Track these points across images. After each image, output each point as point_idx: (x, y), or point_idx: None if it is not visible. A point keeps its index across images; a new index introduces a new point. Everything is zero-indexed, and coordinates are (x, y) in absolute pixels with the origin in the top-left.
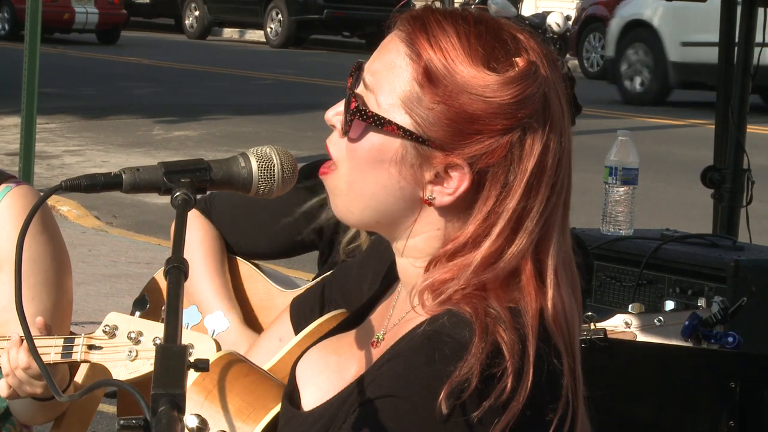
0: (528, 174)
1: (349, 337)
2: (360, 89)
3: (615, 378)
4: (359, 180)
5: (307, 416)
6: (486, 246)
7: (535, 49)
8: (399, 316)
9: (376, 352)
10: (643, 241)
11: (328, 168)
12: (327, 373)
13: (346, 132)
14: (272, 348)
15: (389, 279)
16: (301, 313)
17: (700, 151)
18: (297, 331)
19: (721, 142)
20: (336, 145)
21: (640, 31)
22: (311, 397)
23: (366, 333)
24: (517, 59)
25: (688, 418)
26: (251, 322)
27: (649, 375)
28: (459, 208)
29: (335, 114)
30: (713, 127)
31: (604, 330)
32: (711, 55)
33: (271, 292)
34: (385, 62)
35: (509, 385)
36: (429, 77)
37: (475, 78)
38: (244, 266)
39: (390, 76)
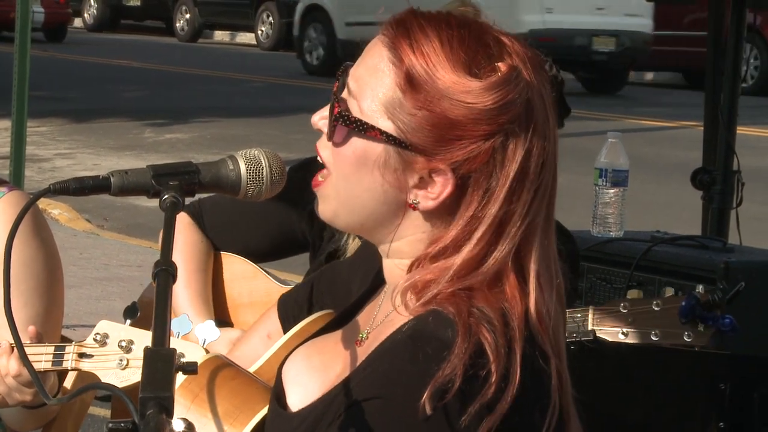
0: (510, 179)
1: (335, 336)
2: (344, 94)
3: (604, 380)
4: (344, 183)
5: (292, 417)
6: (467, 250)
7: (519, 52)
8: (383, 315)
9: (361, 351)
10: (633, 243)
11: (321, 178)
12: (312, 373)
13: (330, 137)
14: (260, 343)
15: (378, 281)
16: (289, 310)
17: (690, 153)
18: (285, 327)
19: (710, 144)
20: (326, 147)
21: (317, 13)
22: (296, 397)
23: (351, 332)
24: (500, 64)
25: (678, 419)
26: (252, 319)
27: (639, 377)
28: (443, 212)
29: (321, 118)
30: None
31: (593, 332)
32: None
33: (271, 289)
34: (369, 67)
35: (494, 386)
36: (411, 83)
37: (456, 84)
38: (245, 265)
39: (373, 81)
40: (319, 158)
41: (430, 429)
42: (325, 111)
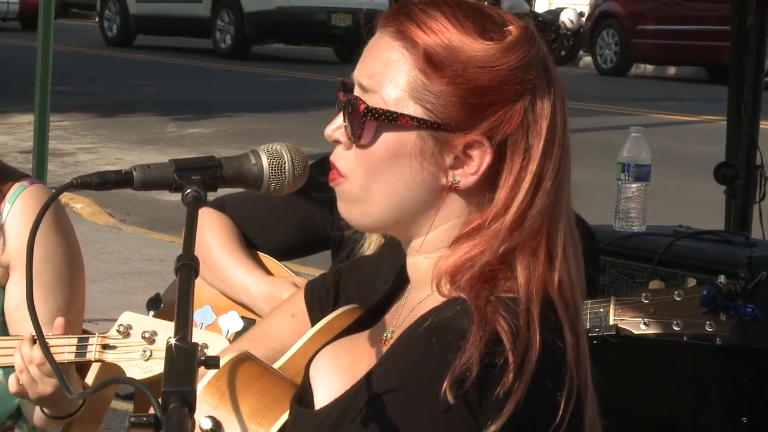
0: (544, 135)
1: (362, 337)
2: (358, 93)
3: (627, 374)
4: (376, 183)
5: (316, 414)
6: (513, 210)
7: (516, 20)
8: (407, 312)
9: (385, 350)
10: (656, 238)
11: (336, 176)
12: (339, 372)
13: (358, 137)
14: (284, 321)
15: (402, 278)
16: (315, 296)
17: (713, 148)
18: (310, 310)
19: (733, 139)
20: (343, 158)
21: None
22: (323, 396)
23: (377, 332)
24: (510, 27)
25: (701, 413)
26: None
27: (662, 371)
28: (482, 187)
29: (336, 129)
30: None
31: (615, 326)
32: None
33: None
34: (380, 61)
35: (511, 373)
36: (431, 62)
37: (477, 51)
38: (268, 261)
39: (389, 73)
40: (336, 171)
41: (452, 418)
42: (338, 121)
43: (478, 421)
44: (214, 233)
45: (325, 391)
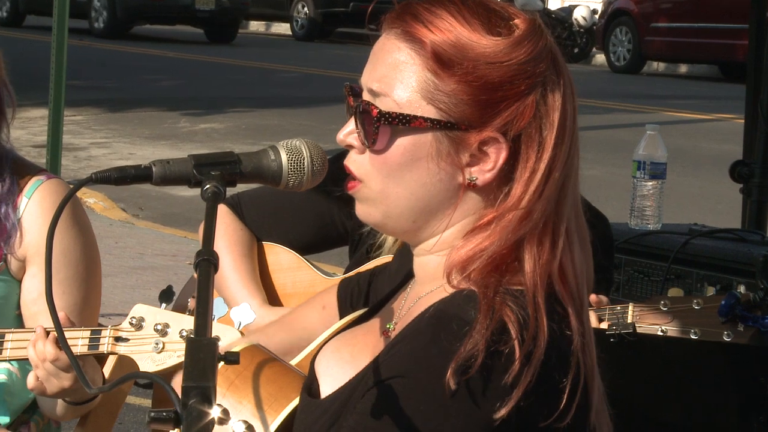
0: (557, 126)
1: (364, 328)
2: (368, 98)
3: (644, 373)
4: (394, 187)
5: (321, 403)
6: (525, 201)
7: (523, 14)
8: (411, 303)
9: (389, 340)
10: (671, 236)
11: (353, 182)
12: (342, 364)
13: (373, 142)
14: (314, 311)
15: (407, 277)
16: (348, 292)
17: (728, 146)
18: (341, 306)
19: (751, 137)
20: (357, 162)
21: None
22: (328, 388)
23: (380, 324)
24: (516, 21)
25: (717, 413)
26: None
27: (677, 370)
28: (498, 182)
29: (348, 133)
30: (742, 121)
31: (633, 325)
32: None
33: (315, 280)
34: (388, 64)
35: (518, 362)
36: (440, 61)
37: (485, 47)
38: (289, 255)
39: (399, 75)
40: (352, 177)
41: (455, 404)
42: (349, 126)
43: (480, 407)
44: (224, 242)
45: (330, 383)
